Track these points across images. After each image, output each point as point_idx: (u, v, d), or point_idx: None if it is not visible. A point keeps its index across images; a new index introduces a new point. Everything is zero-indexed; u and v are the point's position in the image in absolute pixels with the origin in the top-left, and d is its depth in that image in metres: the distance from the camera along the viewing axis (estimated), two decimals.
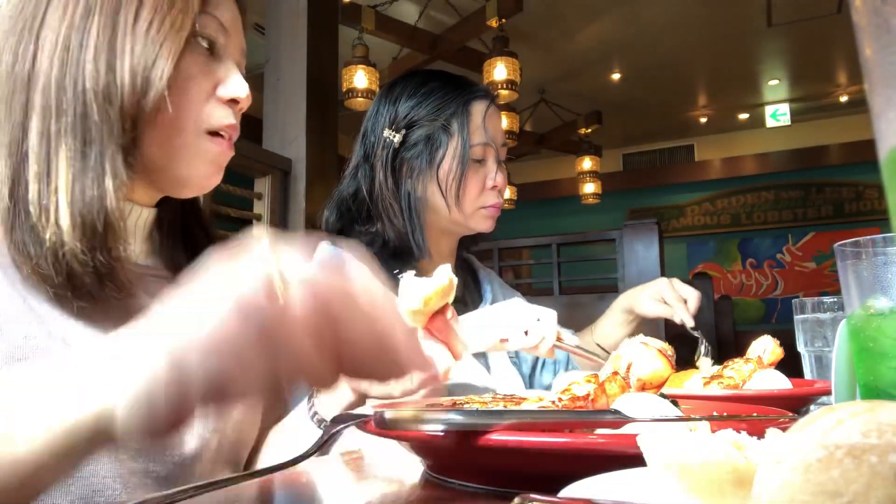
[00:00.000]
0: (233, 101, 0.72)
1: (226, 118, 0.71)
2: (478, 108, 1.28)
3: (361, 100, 4.11)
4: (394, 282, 1.26)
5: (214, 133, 0.71)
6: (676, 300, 1.32)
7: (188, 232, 0.82)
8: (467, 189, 1.26)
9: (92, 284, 0.60)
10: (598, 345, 1.44)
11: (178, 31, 0.66)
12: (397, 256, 1.26)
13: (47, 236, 0.59)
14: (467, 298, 1.37)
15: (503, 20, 4.14)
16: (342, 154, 2.80)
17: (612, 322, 1.45)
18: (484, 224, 1.31)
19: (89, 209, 0.60)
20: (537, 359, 1.48)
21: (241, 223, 2.67)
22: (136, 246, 0.74)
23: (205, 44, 0.70)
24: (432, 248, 1.28)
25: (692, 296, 1.32)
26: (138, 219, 0.74)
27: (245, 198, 2.63)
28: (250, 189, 2.67)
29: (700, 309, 1.32)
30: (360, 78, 4.12)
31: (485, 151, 1.28)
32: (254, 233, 0.45)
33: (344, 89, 4.08)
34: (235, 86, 0.72)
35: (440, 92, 1.28)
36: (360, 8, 4.25)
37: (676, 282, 1.36)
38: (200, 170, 0.71)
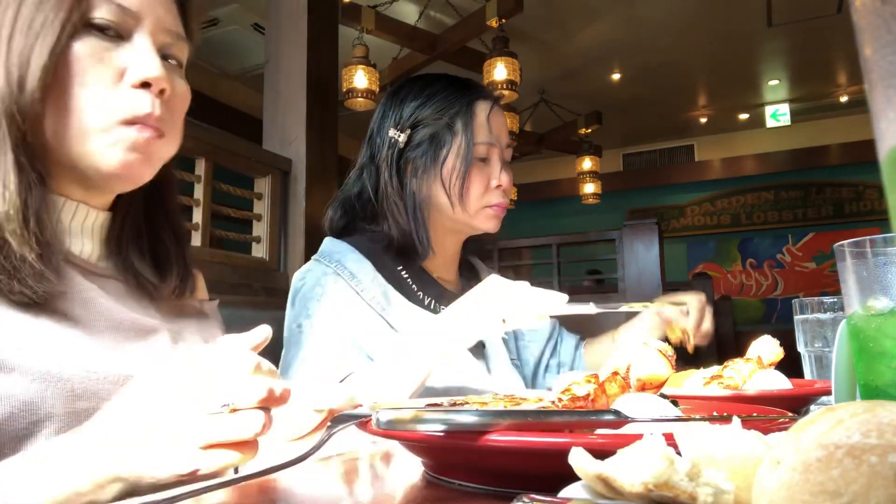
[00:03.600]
0: (145, 85, 0.69)
1: (138, 107, 0.68)
2: (481, 108, 1.29)
3: (361, 100, 4.11)
4: (397, 279, 1.26)
5: (129, 122, 0.68)
6: (695, 315, 1.27)
7: (153, 233, 0.82)
8: (471, 187, 1.27)
9: (14, 279, 0.61)
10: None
11: (53, 21, 0.64)
12: (402, 254, 1.28)
13: None
14: None
15: (503, 20, 4.14)
16: (342, 154, 2.80)
17: (642, 324, 1.37)
18: (488, 224, 1.31)
19: None
20: (540, 360, 1.48)
21: (241, 223, 2.67)
22: (93, 248, 0.75)
23: (103, 29, 0.67)
24: (437, 247, 1.30)
25: (707, 329, 1.27)
26: (94, 222, 0.75)
27: (245, 198, 2.63)
28: (250, 189, 2.67)
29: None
30: (360, 78, 4.12)
31: (488, 150, 1.29)
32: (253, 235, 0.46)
33: (344, 89, 4.08)
34: (141, 67, 0.68)
35: (445, 92, 1.29)
36: (360, 8, 4.25)
37: (709, 315, 1.31)
38: (118, 161, 0.68)
